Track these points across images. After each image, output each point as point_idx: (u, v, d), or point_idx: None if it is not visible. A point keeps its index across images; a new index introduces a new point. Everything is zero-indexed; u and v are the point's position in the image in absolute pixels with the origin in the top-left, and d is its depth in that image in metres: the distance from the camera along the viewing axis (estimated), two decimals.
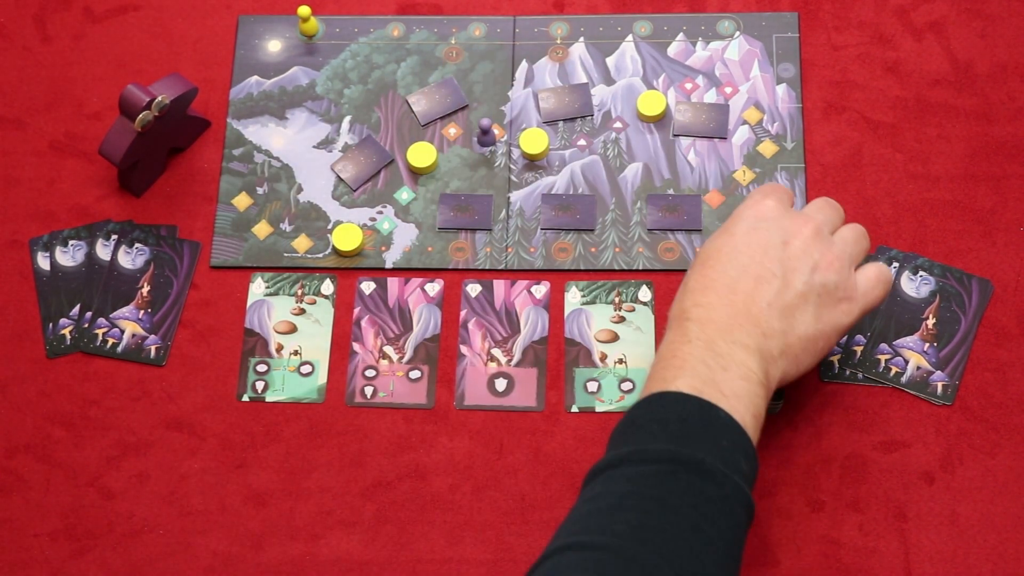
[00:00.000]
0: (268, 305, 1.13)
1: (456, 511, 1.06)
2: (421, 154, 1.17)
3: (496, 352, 1.11)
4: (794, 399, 1.08)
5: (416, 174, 1.17)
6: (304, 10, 1.20)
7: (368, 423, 1.09)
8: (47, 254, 1.15)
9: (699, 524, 0.86)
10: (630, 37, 1.21)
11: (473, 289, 1.13)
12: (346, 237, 1.14)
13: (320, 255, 1.15)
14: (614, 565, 0.83)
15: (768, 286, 0.96)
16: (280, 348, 1.12)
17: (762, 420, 0.94)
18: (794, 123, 1.17)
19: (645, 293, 1.12)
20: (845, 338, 1.09)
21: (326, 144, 1.19)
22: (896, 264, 1.11)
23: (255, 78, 1.21)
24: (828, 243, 0.99)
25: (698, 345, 0.94)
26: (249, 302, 1.14)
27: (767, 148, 1.16)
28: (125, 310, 1.13)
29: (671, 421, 0.91)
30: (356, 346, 1.11)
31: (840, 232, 1.01)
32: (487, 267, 1.14)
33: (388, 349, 1.11)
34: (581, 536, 0.86)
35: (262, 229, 1.16)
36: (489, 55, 1.21)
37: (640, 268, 1.13)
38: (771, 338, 0.95)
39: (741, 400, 0.92)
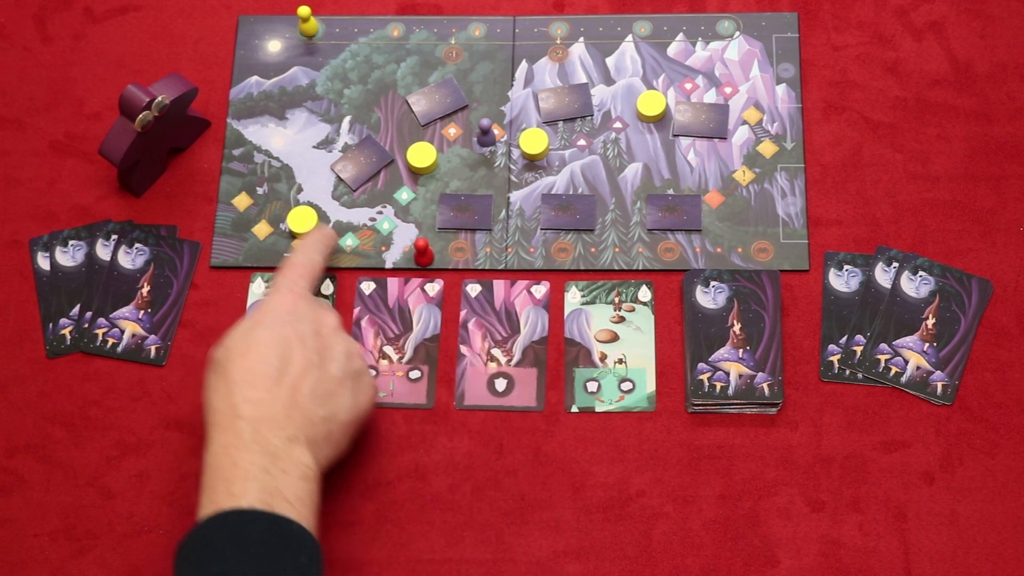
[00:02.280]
0: None
1: (456, 511, 1.06)
2: (421, 154, 1.17)
3: (496, 352, 1.11)
4: (794, 399, 1.08)
5: (416, 174, 1.17)
6: (304, 10, 1.20)
7: (368, 423, 1.09)
8: (47, 254, 1.15)
9: None
10: (630, 37, 1.21)
11: (473, 289, 1.13)
12: (300, 220, 1.14)
13: None
14: None
15: (310, 375, 0.99)
16: None
17: (318, 511, 0.96)
18: (794, 123, 1.17)
19: (645, 293, 1.12)
20: (845, 338, 1.09)
21: (326, 144, 1.19)
22: (896, 264, 1.11)
23: (255, 78, 1.21)
24: (346, 334, 1.04)
25: (255, 450, 0.94)
26: (249, 302, 1.14)
27: (767, 148, 1.16)
28: (125, 310, 1.13)
29: (251, 544, 0.90)
30: None
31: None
32: (487, 267, 1.14)
33: (388, 349, 1.11)
34: None
35: (262, 229, 1.16)
36: (489, 55, 1.21)
37: (640, 268, 1.13)
38: (317, 426, 0.98)
39: (304, 503, 0.94)
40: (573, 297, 1.12)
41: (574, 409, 1.09)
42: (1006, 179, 1.14)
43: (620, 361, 1.10)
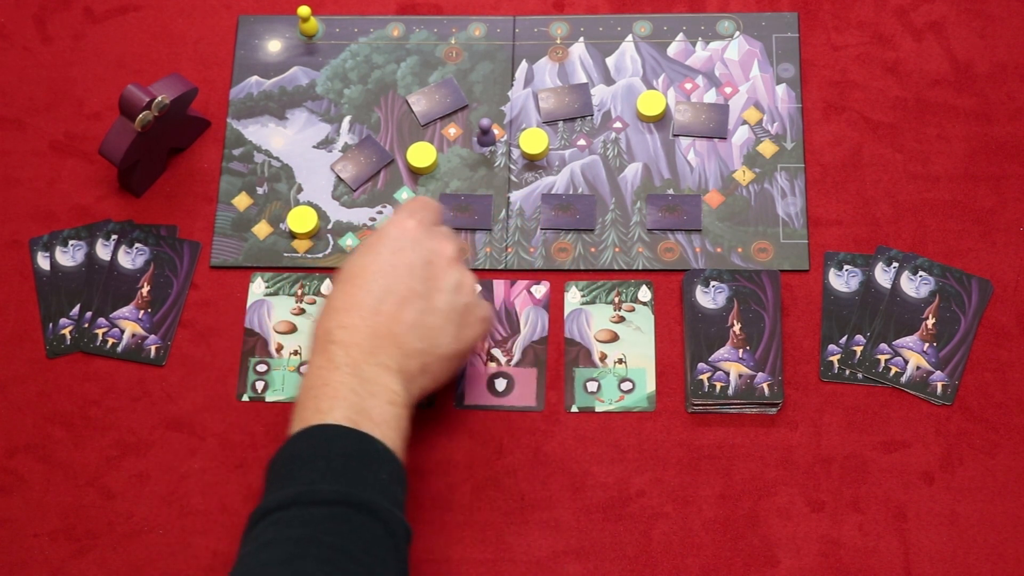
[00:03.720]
0: (268, 305, 1.13)
1: (455, 511, 1.06)
2: (421, 154, 1.17)
3: (496, 352, 1.11)
4: (794, 399, 1.08)
5: (416, 174, 1.17)
6: (304, 10, 1.20)
7: None
8: (47, 254, 1.15)
9: (373, 568, 0.89)
10: (630, 37, 1.21)
11: None
12: (300, 220, 1.14)
13: (320, 255, 1.15)
14: None
15: (412, 307, 0.98)
16: (280, 348, 1.12)
17: (408, 438, 0.97)
18: (794, 123, 1.17)
19: (645, 293, 1.12)
20: (845, 338, 1.09)
21: (326, 144, 1.19)
22: (896, 264, 1.11)
23: (255, 78, 1.21)
24: (463, 266, 1.02)
25: (346, 372, 0.95)
26: (249, 302, 1.14)
27: (767, 148, 1.16)
28: (125, 310, 1.13)
29: (335, 457, 0.92)
30: None
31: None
32: (487, 267, 1.14)
33: None
34: None
35: (262, 229, 1.16)
36: (489, 55, 1.21)
37: (640, 268, 1.13)
38: (412, 357, 0.98)
39: (391, 426, 0.95)
40: (573, 297, 1.12)
41: (574, 409, 1.09)
42: (1006, 179, 1.14)
43: (620, 361, 1.10)
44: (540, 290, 1.13)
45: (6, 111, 1.21)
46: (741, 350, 1.08)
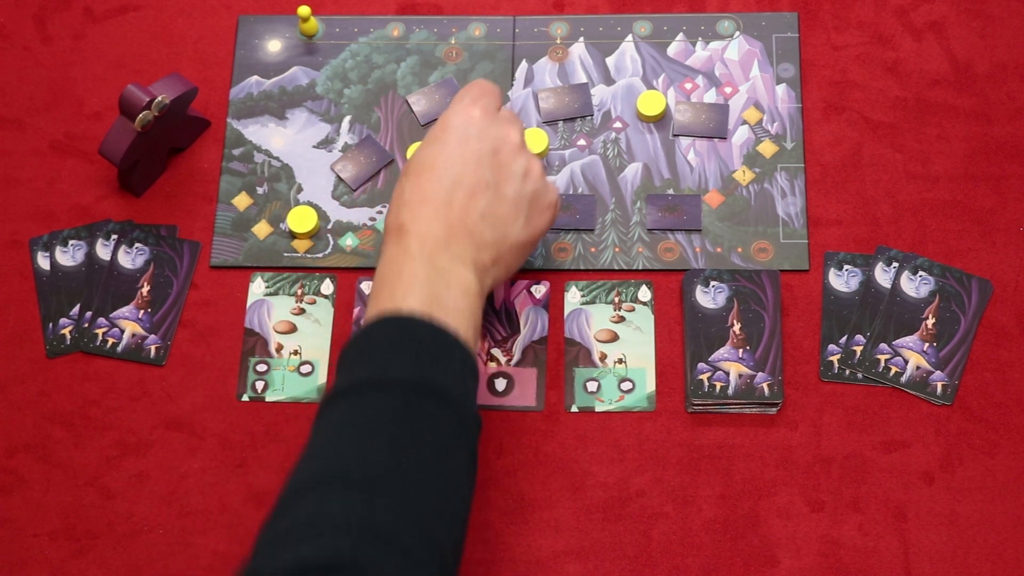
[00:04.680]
0: (268, 305, 1.13)
1: None
2: None
3: (496, 352, 1.11)
4: (794, 399, 1.08)
5: None
6: (304, 10, 1.20)
7: None
8: (47, 254, 1.15)
9: (443, 453, 0.89)
10: (630, 37, 1.21)
11: None
12: (300, 220, 1.14)
13: (320, 255, 1.15)
14: (378, 504, 0.84)
15: (482, 197, 0.98)
16: (280, 348, 1.12)
17: (480, 329, 0.98)
18: (794, 123, 1.17)
19: (645, 293, 1.12)
20: (845, 338, 1.09)
21: (326, 144, 1.19)
22: (896, 264, 1.11)
23: (255, 78, 1.21)
24: (530, 153, 1.02)
25: (420, 262, 0.96)
26: (249, 302, 1.14)
27: (767, 148, 1.16)
28: (125, 310, 1.13)
29: (407, 344, 0.92)
30: None
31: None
32: None
33: None
34: (339, 469, 0.87)
35: (262, 229, 1.16)
36: (489, 55, 1.21)
37: (640, 268, 1.13)
38: (484, 249, 0.98)
39: (463, 315, 0.95)
40: (573, 297, 1.12)
41: (574, 409, 1.09)
42: (1006, 179, 1.14)
43: (620, 361, 1.10)
44: (540, 290, 1.13)
45: (6, 111, 1.21)
46: (741, 350, 1.08)
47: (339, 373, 0.94)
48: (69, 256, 1.15)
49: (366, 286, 1.13)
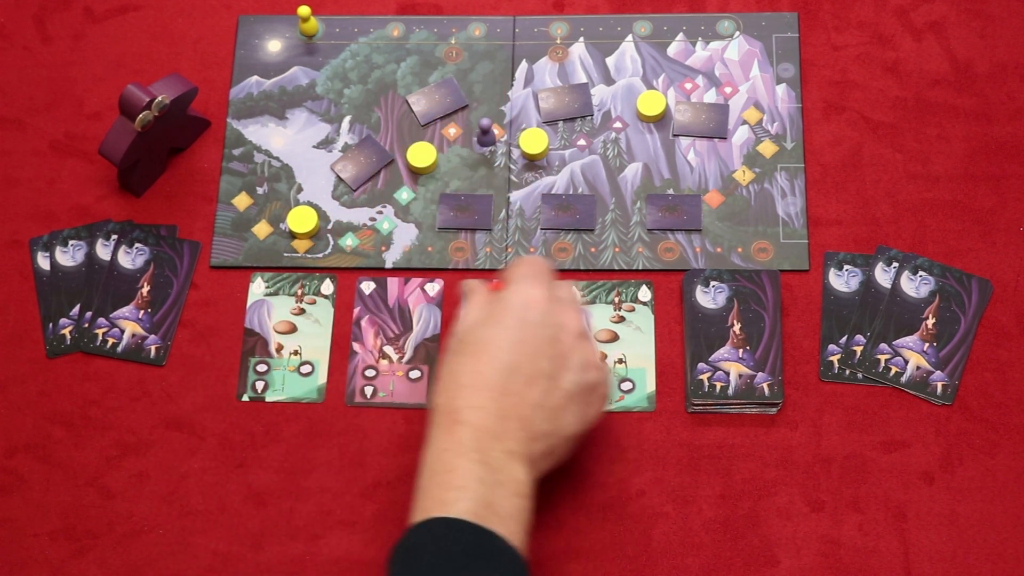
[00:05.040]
0: (268, 305, 1.13)
1: None
2: (421, 154, 1.17)
3: (388, 350, 1.10)
4: (794, 399, 1.08)
5: (416, 174, 1.17)
6: (304, 10, 1.20)
7: (368, 423, 1.09)
8: (47, 254, 1.15)
9: None
10: (630, 37, 1.21)
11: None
12: (300, 220, 1.14)
13: (320, 255, 1.15)
14: None
15: (538, 387, 0.95)
16: (280, 348, 1.12)
17: (531, 530, 0.94)
18: (794, 123, 1.17)
19: (645, 293, 1.12)
20: (845, 338, 1.09)
21: (326, 144, 1.19)
22: (896, 264, 1.11)
23: (255, 78, 1.21)
24: (589, 339, 0.99)
25: (473, 458, 0.92)
26: (249, 302, 1.14)
27: (767, 148, 1.16)
28: (125, 310, 1.13)
29: (456, 555, 0.89)
30: (356, 346, 1.11)
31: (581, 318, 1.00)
32: (487, 267, 1.14)
33: (388, 349, 1.11)
34: None
35: (262, 229, 1.16)
36: (489, 55, 1.21)
37: (640, 268, 1.13)
38: (537, 441, 0.95)
39: (516, 520, 0.92)
40: None
41: None
42: (1006, 179, 1.14)
43: (620, 361, 1.10)
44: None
45: (6, 111, 1.21)
46: (741, 350, 1.08)
47: (389, 573, 0.91)
48: (69, 256, 1.15)
49: (366, 286, 1.13)
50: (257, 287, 1.14)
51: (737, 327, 1.09)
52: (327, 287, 1.14)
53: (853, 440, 1.06)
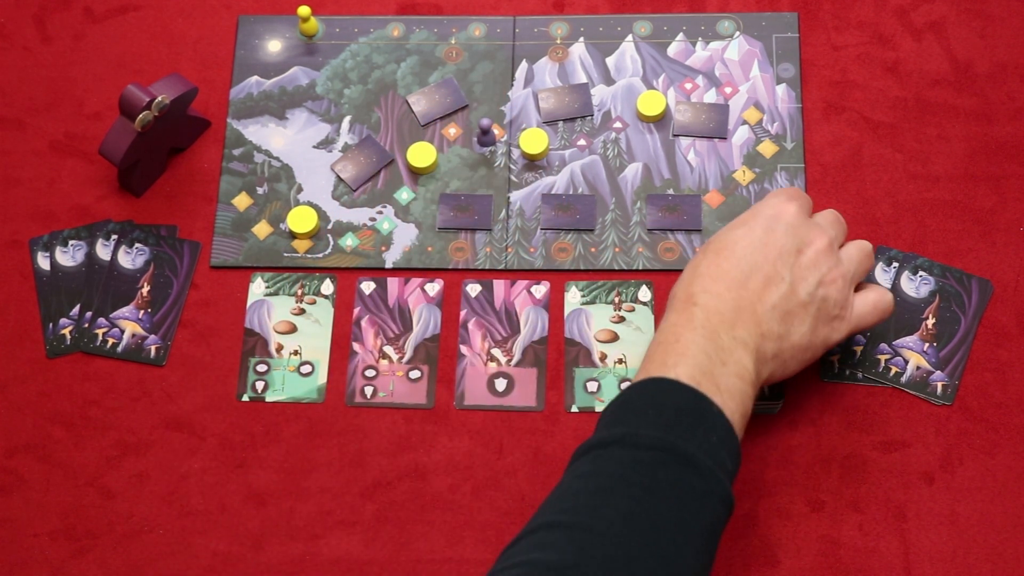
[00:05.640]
0: (268, 305, 1.13)
1: (456, 511, 1.06)
2: (421, 154, 1.17)
3: (496, 352, 1.11)
4: (794, 399, 1.08)
5: (416, 174, 1.17)
6: (304, 10, 1.20)
7: (368, 423, 1.09)
8: (47, 254, 1.15)
9: (683, 517, 0.88)
10: (630, 37, 1.21)
11: (473, 289, 1.13)
12: (300, 220, 1.14)
13: (320, 255, 1.15)
14: (598, 550, 0.84)
15: (776, 289, 0.97)
16: (280, 348, 1.12)
17: (748, 418, 0.96)
18: (794, 123, 1.17)
19: (645, 293, 1.12)
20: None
21: (326, 144, 1.19)
22: (896, 264, 1.11)
23: (255, 78, 1.21)
24: (836, 259, 1.00)
25: (701, 334, 0.95)
26: (249, 302, 1.14)
27: (767, 148, 1.16)
28: (125, 310, 1.13)
29: (667, 409, 0.91)
30: (356, 346, 1.12)
31: (847, 250, 1.02)
32: (487, 267, 1.14)
33: (388, 349, 1.11)
34: (569, 515, 0.87)
35: (262, 229, 1.16)
36: (489, 55, 1.21)
37: (640, 268, 1.13)
38: (768, 340, 0.96)
39: (734, 398, 0.93)
40: (573, 297, 1.12)
41: (574, 409, 1.09)
42: (1006, 179, 1.14)
43: (620, 361, 1.10)
44: (540, 290, 1.13)
45: (6, 111, 1.21)
46: None
47: (597, 429, 0.93)
48: (69, 256, 1.15)
49: (366, 286, 1.14)
50: (257, 287, 1.14)
51: None
52: (327, 287, 1.14)
53: (853, 440, 1.06)
